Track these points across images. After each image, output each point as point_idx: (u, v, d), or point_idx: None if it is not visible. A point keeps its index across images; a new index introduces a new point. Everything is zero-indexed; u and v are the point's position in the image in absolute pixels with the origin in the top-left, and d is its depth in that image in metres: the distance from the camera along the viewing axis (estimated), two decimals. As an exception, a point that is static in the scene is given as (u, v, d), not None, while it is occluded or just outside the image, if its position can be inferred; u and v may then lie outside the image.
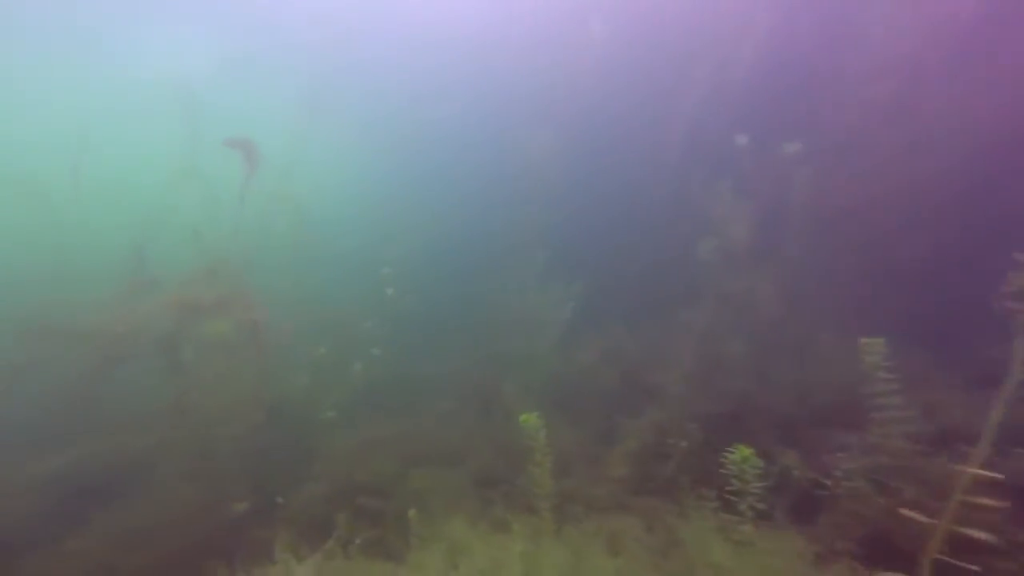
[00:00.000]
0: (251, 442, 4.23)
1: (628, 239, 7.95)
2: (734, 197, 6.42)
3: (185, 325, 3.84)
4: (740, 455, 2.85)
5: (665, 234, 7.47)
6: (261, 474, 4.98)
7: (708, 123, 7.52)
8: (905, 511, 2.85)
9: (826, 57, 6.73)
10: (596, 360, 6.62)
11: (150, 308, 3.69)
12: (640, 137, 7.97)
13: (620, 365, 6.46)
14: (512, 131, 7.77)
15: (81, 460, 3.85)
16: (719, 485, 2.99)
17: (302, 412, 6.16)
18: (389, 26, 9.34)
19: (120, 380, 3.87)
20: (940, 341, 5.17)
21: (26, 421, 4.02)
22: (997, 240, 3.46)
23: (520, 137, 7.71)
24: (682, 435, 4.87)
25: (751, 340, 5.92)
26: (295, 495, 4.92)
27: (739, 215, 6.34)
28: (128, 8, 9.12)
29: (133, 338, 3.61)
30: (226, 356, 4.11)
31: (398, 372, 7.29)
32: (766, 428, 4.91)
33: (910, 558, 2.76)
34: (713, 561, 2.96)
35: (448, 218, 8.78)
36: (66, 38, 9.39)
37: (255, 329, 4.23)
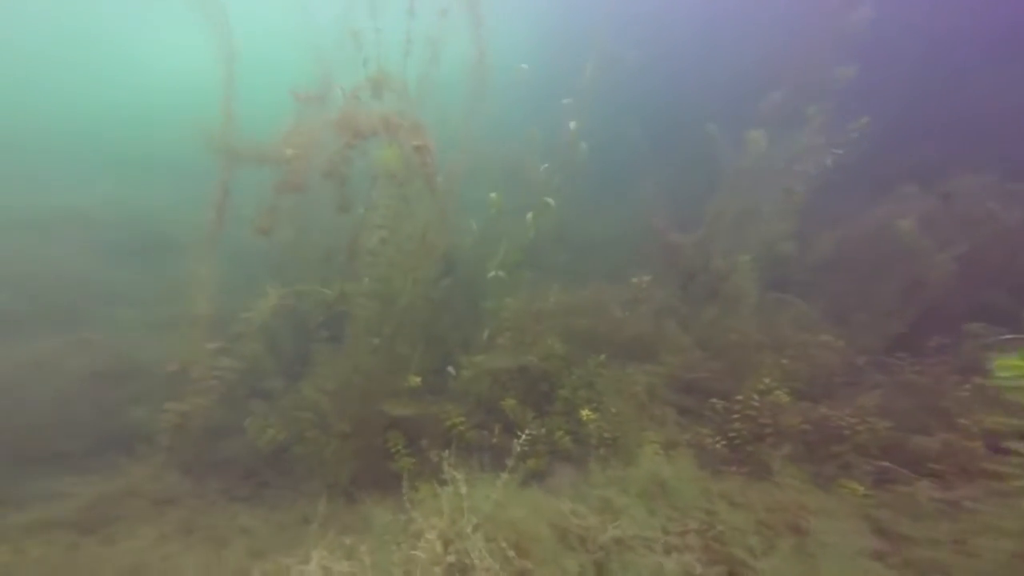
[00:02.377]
0: (424, 297, 3.90)
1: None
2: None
3: (351, 150, 3.28)
4: None
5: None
6: (433, 336, 4.84)
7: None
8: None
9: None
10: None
11: (316, 127, 3.16)
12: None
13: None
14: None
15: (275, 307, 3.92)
16: None
17: (471, 266, 5.83)
18: None
19: (288, 212, 3.65)
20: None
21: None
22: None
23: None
24: None
25: None
26: (465, 367, 4.75)
27: None
28: None
29: (301, 164, 3.16)
30: (397, 190, 3.56)
31: (574, 227, 6.51)
32: None
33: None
34: None
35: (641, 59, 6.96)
36: None
37: (424, 159, 3.53)
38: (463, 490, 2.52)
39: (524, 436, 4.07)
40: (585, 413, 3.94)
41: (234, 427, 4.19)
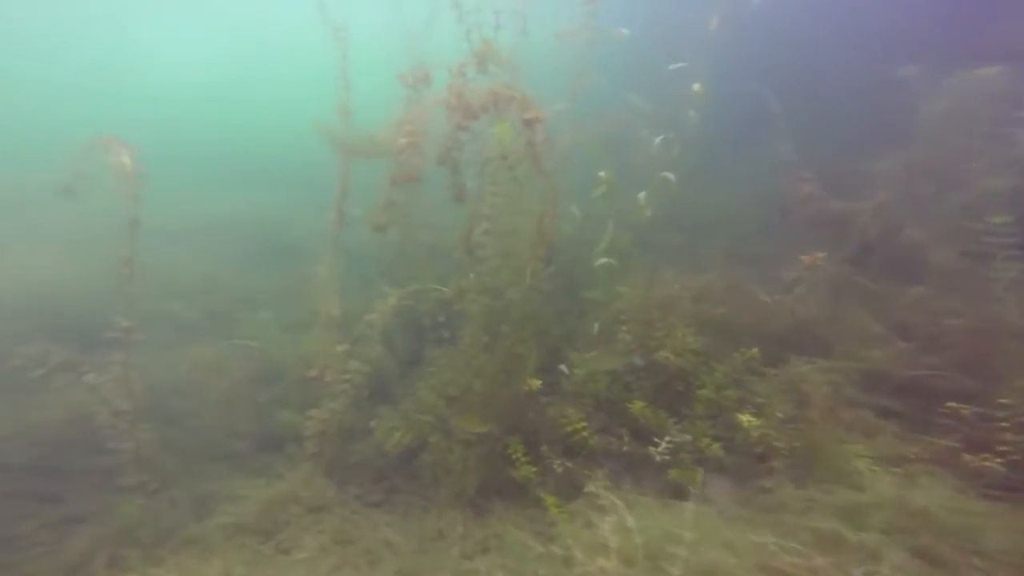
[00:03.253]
0: (537, 290, 3.51)
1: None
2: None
3: (463, 132, 2.94)
4: None
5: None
6: (541, 332, 4.47)
7: None
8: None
9: None
10: None
11: (425, 111, 2.87)
12: None
13: None
14: None
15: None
16: None
17: (573, 252, 5.36)
18: None
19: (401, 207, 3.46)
20: None
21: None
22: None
23: None
24: None
25: None
26: (578, 365, 4.32)
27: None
28: None
29: (415, 152, 2.89)
30: (507, 173, 3.18)
31: (695, 204, 5.68)
32: None
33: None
34: None
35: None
36: None
37: (534, 136, 3.10)
38: (629, 521, 2.07)
39: (664, 443, 3.55)
40: (746, 419, 3.28)
41: (361, 429, 4.23)
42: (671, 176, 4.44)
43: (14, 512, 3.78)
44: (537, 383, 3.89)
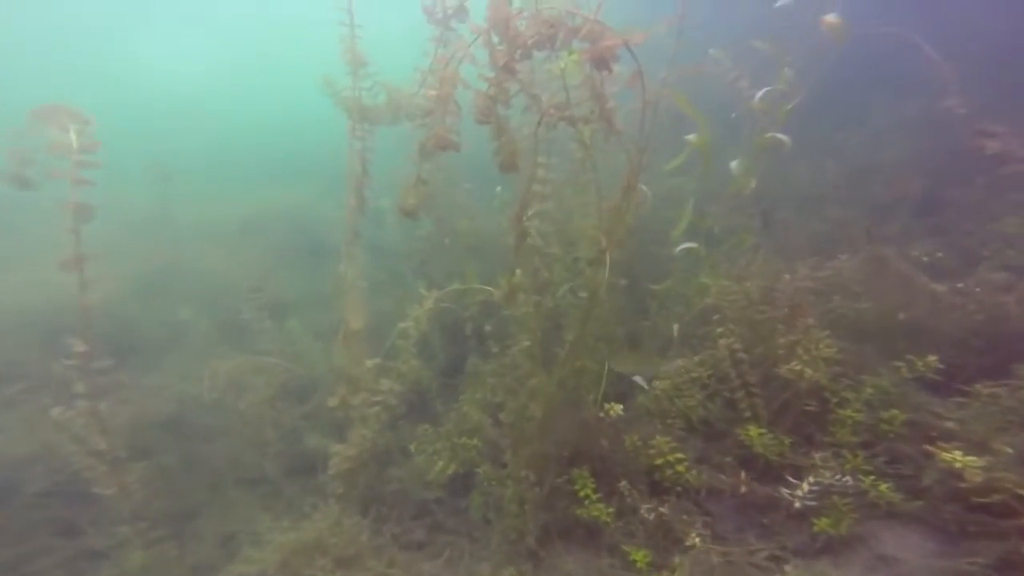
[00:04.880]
0: (607, 285, 2.67)
1: None
2: None
3: (509, 74, 2.15)
4: None
5: None
6: (609, 335, 3.63)
7: None
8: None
9: None
10: None
11: (459, 48, 2.10)
12: None
13: None
14: None
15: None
16: None
17: (643, 236, 4.47)
18: None
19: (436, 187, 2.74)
20: None
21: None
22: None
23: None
24: None
25: None
26: (662, 376, 3.44)
27: None
28: None
29: (449, 110, 2.14)
30: (573, 133, 2.36)
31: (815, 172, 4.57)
32: None
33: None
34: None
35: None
36: None
37: (607, 78, 2.28)
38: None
39: (808, 485, 2.62)
40: (955, 456, 2.28)
41: (400, 451, 3.59)
42: (784, 138, 3.44)
43: (31, 546, 3.46)
44: (618, 408, 3.07)
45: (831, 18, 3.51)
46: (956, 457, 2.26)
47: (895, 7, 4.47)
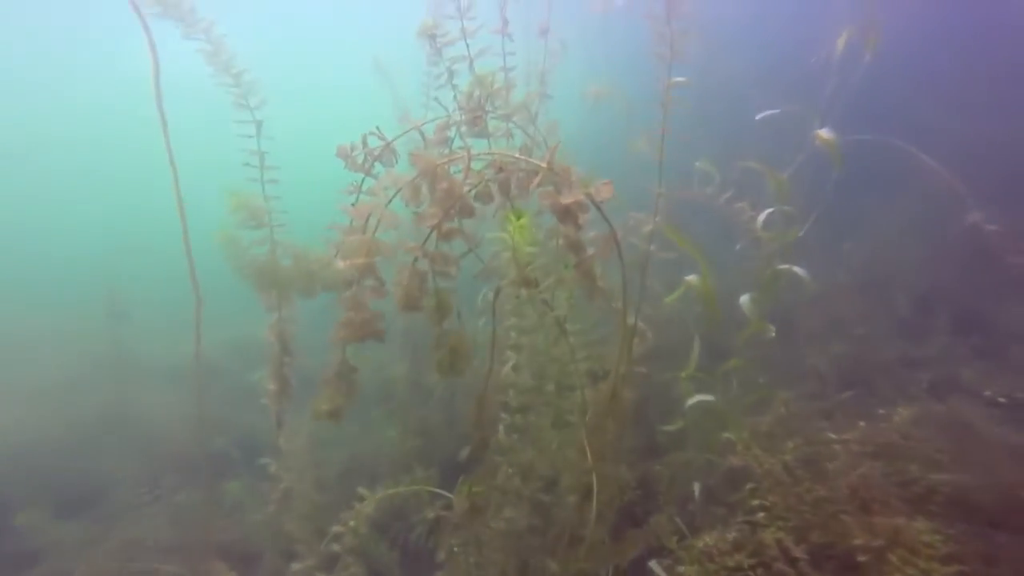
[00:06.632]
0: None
1: None
2: None
3: (445, 238, 1.56)
4: None
5: None
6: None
7: None
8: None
9: None
10: None
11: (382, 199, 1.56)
12: None
13: None
14: None
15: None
16: None
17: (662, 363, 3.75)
18: None
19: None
20: None
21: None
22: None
23: None
24: None
25: None
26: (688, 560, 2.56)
27: None
28: None
29: (368, 285, 1.53)
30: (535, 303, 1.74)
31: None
32: None
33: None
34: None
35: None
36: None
37: (576, 236, 1.72)
38: None
39: None
40: None
41: None
42: (802, 273, 2.90)
43: None
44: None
45: (824, 133, 3.16)
46: None
47: (879, 116, 4.24)
